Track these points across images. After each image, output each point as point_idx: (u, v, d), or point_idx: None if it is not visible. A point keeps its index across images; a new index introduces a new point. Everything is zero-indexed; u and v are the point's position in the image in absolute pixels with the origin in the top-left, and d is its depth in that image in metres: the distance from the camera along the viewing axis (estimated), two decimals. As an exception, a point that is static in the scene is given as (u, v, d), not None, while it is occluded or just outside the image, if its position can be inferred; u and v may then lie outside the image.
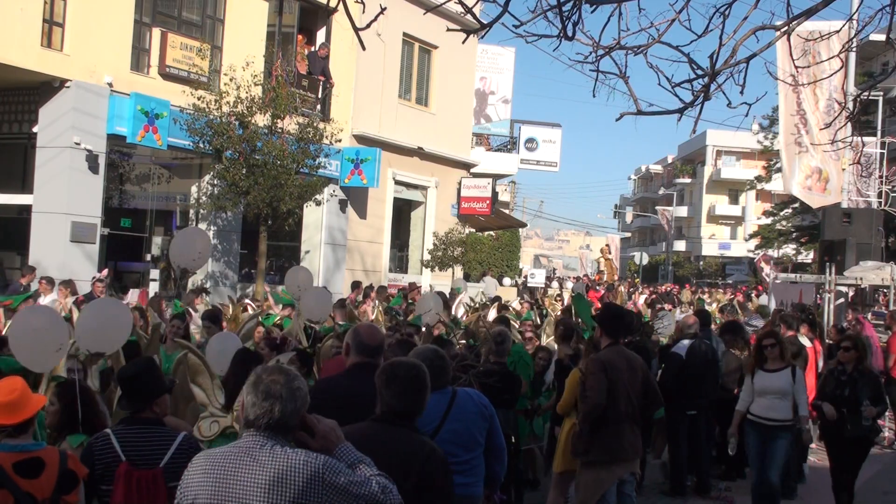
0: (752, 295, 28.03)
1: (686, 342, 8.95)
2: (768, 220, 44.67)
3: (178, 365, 6.29)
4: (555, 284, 33.13)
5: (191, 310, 10.92)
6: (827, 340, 12.61)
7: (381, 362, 4.64)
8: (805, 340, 10.19)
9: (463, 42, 5.02)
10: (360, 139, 21.17)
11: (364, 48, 4.43)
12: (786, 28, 4.36)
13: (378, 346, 4.59)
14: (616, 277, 36.70)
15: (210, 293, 15.58)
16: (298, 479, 2.76)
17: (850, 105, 7.76)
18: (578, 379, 6.79)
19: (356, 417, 4.31)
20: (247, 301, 13.53)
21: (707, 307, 17.33)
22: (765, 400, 7.59)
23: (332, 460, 2.87)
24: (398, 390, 3.65)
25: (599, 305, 18.00)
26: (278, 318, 10.98)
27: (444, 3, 4.48)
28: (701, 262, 64.63)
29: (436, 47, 23.76)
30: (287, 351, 7.10)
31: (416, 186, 23.93)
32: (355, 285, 17.38)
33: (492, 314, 14.57)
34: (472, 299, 15.20)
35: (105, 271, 14.90)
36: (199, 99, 15.62)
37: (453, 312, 13.93)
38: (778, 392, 7.54)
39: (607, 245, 38.37)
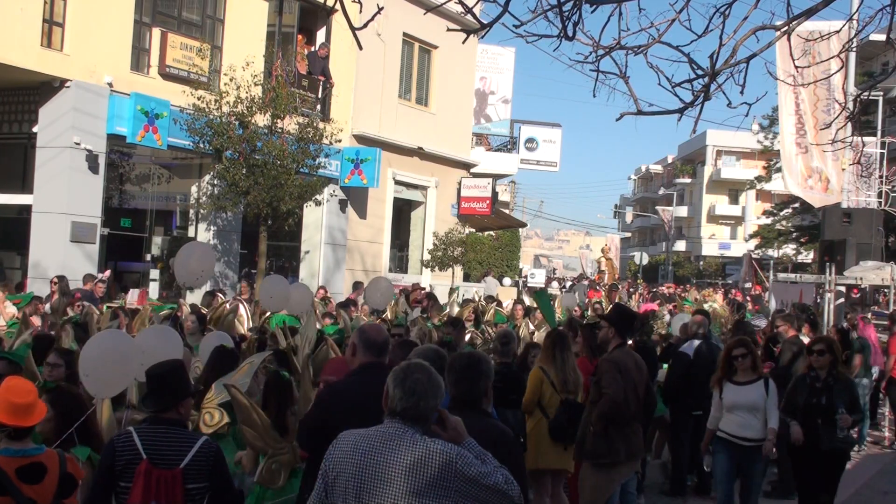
0: (759, 292, 27.99)
1: (694, 342, 8.95)
2: (768, 220, 44.66)
3: None
4: (554, 284, 33.16)
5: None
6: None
7: (387, 360, 4.68)
8: (806, 340, 10.19)
9: (463, 42, 5.02)
10: (360, 139, 21.16)
11: (361, 48, 4.43)
12: (786, 28, 4.36)
13: (384, 342, 4.64)
14: (616, 277, 36.61)
15: (225, 294, 15.55)
16: (434, 465, 3.08)
17: (850, 105, 7.75)
18: (539, 377, 6.93)
19: (367, 419, 4.32)
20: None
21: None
22: (735, 416, 6.88)
23: (465, 452, 3.15)
24: (453, 379, 3.97)
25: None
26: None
27: (444, 3, 4.48)
28: (701, 262, 64.60)
29: (436, 47, 23.75)
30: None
31: (416, 186, 23.92)
32: (357, 286, 17.36)
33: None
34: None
35: (107, 272, 14.89)
36: (199, 99, 15.60)
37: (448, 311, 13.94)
38: (749, 406, 6.84)
39: (607, 245, 38.35)
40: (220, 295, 13.73)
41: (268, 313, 10.55)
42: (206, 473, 4.10)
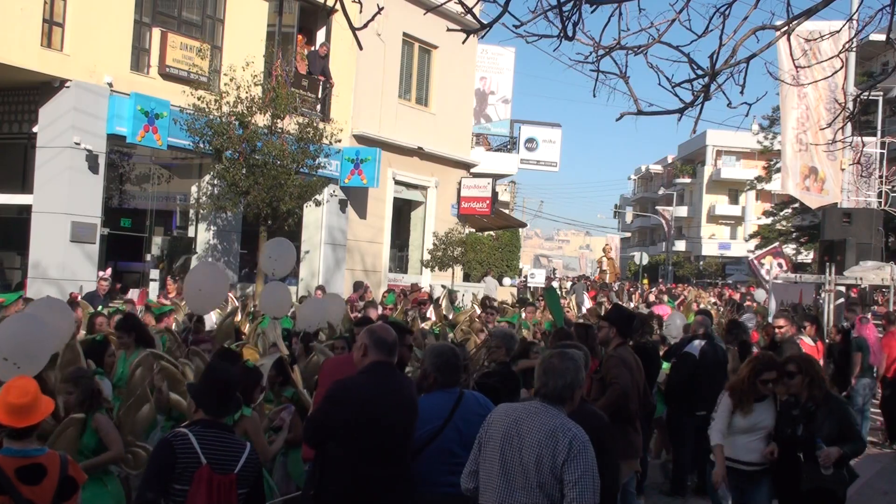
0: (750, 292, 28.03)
1: (698, 342, 8.94)
2: (768, 220, 44.67)
3: (135, 368, 6.03)
4: (555, 284, 33.14)
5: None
6: (827, 340, 12.61)
7: (395, 359, 4.73)
8: (808, 341, 10.15)
9: (463, 42, 5.02)
10: (360, 139, 21.16)
11: (361, 48, 4.44)
12: (786, 28, 4.37)
13: (394, 342, 4.68)
14: (618, 277, 36.70)
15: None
16: (566, 436, 3.74)
17: (850, 105, 7.75)
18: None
19: (376, 415, 4.34)
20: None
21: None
22: (747, 439, 5.97)
23: (591, 447, 3.78)
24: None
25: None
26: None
27: (444, 3, 4.48)
28: (701, 262, 64.61)
29: (436, 47, 23.75)
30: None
31: (416, 186, 23.92)
32: (358, 286, 17.34)
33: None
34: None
35: (108, 270, 14.90)
36: (199, 99, 15.60)
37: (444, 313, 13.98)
38: (761, 429, 5.97)
39: (609, 245, 38.38)
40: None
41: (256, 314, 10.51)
42: (251, 480, 4.12)
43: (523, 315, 13.72)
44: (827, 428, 5.57)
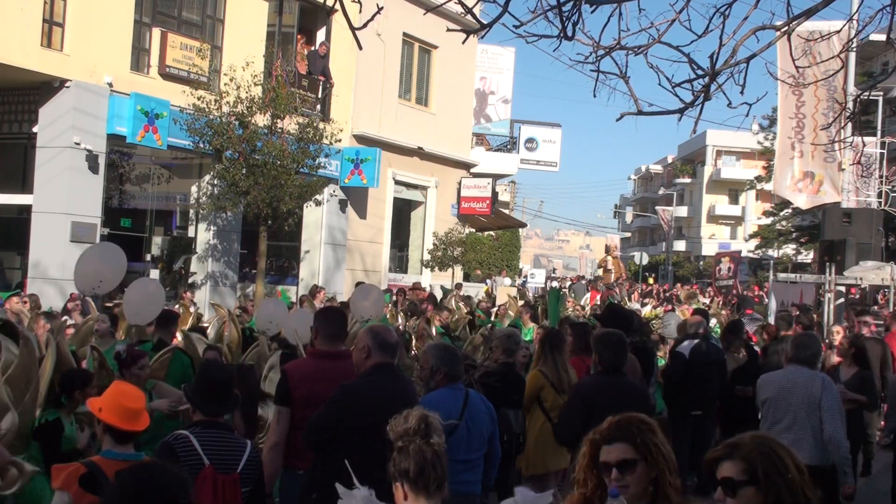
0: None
1: (688, 342, 8.92)
2: (768, 220, 44.67)
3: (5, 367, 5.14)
4: (554, 284, 33.14)
5: None
6: (826, 339, 12.59)
7: (396, 360, 4.76)
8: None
9: (463, 42, 5.02)
10: (360, 139, 21.16)
11: (361, 48, 4.44)
12: (786, 28, 4.37)
13: (396, 343, 4.73)
14: (623, 276, 36.59)
15: (198, 287, 17.00)
16: (819, 377, 6.05)
17: (850, 105, 7.75)
18: (539, 380, 6.81)
19: (383, 417, 4.34)
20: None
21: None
22: None
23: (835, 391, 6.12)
24: (612, 350, 5.54)
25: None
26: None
27: (445, 3, 4.48)
28: (701, 262, 64.57)
29: (436, 47, 23.75)
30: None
31: (416, 186, 23.92)
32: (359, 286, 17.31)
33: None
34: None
35: (74, 293, 14.83)
36: (199, 99, 15.60)
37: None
38: None
39: (614, 244, 38.25)
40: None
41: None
42: (253, 478, 4.14)
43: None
44: None
